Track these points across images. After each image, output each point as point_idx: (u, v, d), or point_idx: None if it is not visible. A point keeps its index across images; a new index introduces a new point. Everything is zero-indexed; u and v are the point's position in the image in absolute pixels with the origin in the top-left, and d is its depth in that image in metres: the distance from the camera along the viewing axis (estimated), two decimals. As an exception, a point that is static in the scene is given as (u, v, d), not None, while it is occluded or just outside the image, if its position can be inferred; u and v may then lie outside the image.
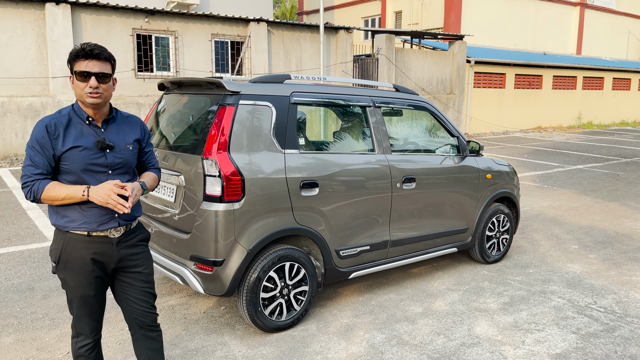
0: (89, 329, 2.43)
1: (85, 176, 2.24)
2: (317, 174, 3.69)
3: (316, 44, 14.80)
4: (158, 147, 3.89)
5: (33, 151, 2.20)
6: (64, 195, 2.18)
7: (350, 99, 4.05)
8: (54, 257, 2.31)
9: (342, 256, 3.90)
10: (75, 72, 2.21)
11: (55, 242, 2.31)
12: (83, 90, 2.21)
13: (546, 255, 5.43)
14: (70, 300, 2.37)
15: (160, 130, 4.03)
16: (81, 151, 2.23)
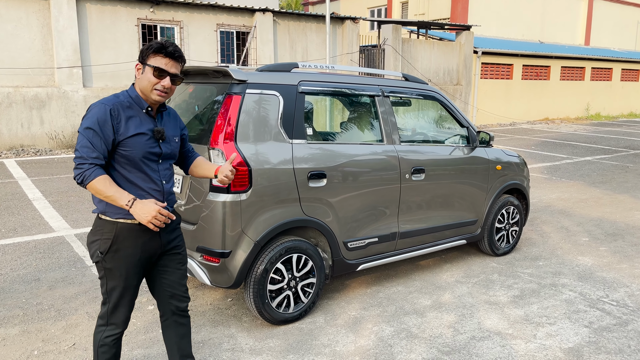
0: (123, 318, 2.41)
1: (141, 163, 2.27)
2: (325, 164, 3.62)
3: (322, 34, 14.67)
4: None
5: (92, 133, 2.16)
6: (111, 194, 2.15)
7: (359, 88, 3.97)
8: (103, 246, 2.27)
9: (350, 248, 3.85)
10: (151, 66, 2.24)
11: (104, 232, 2.27)
12: (153, 85, 2.25)
13: (556, 248, 5.36)
14: (110, 289, 2.34)
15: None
16: (142, 139, 2.26)
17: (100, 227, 2.28)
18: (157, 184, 2.34)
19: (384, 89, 4.12)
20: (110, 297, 2.36)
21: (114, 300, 2.36)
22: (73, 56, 11.24)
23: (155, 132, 2.30)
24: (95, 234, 2.30)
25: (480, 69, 19.04)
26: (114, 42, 11.80)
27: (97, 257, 2.29)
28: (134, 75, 2.25)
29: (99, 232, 2.29)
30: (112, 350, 2.42)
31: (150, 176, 2.31)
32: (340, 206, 3.73)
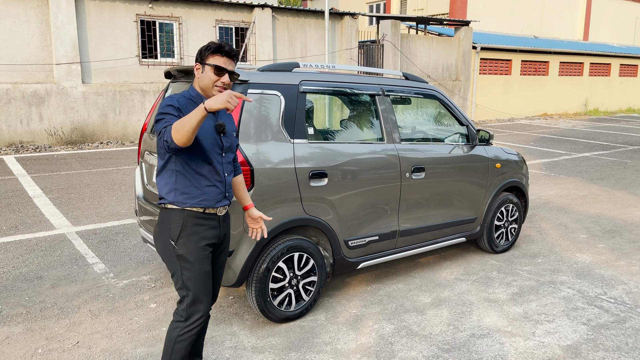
0: (205, 307, 2.49)
1: (207, 156, 2.41)
2: (326, 164, 3.65)
3: (321, 30, 14.66)
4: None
5: (172, 109, 2.28)
6: (188, 119, 2.10)
7: (359, 87, 3.99)
8: (174, 233, 2.39)
9: (351, 246, 3.88)
10: (211, 65, 2.38)
11: (172, 221, 2.40)
12: (214, 82, 2.39)
13: (554, 245, 5.40)
14: (187, 280, 2.41)
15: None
16: (207, 133, 2.39)
17: (168, 216, 2.41)
18: (221, 175, 2.48)
19: (384, 88, 4.14)
20: (189, 289, 2.43)
21: (193, 291, 2.43)
22: (72, 52, 11.22)
23: (217, 126, 2.40)
24: (164, 225, 2.42)
25: (479, 64, 19.05)
26: (112, 38, 11.77)
27: (169, 245, 2.39)
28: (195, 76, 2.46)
29: (167, 222, 2.40)
30: (189, 345, 2.48)
31: (216, 168, 2.44)
32: (341, 205, 3.75)
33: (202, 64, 2.42)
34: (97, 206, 6.54)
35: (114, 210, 6.37)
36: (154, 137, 3.99)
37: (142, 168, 4.17)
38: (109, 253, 4.92)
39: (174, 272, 2.44)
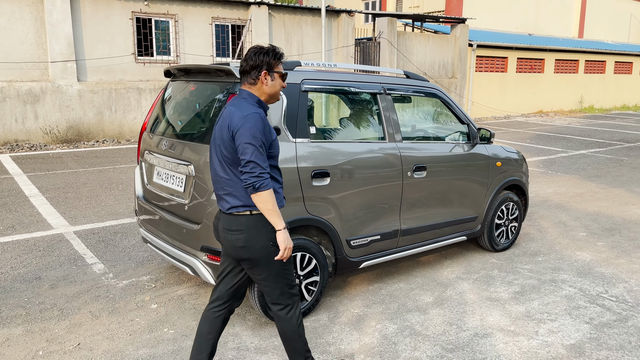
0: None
1: (276, 162, 2.59)
2: (328, 163, 3.63)
3: (317, 27, 14.62)
4: (165, 135, 3.82)
5: (260, 142, 2.39)
6: (274, 208, 2.42)
7: (361, 86, 3.97)
8: (272, 235, 2.48)
9: (353, 246, 3.87)
10: (280, 73, 2.57)
11: (267, 224, 2.48)
12: (279, 88, 2.59)
13: (554, 243, 5.41)
14: (289, 273, 2.62)
15: (167, 119, 3.95)
16: (277, 139, 2.57)
17: (258, 221, 2.47)
18: (281, 180, 2.64)
19: (385, 87, 4.12)
20: (291, 279, 2.63)
21: (293, 280, 2.65)
22: (67, 50, 11.14)
23: (277, 130, 2.62)
24: (257, 231, 2.47)
25: (475, 62, 19.06)
26: (108, 35, 11.69)
27: (270, 247, 2.48)
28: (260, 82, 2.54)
29: (259, 227, 2.47)
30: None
31: (280, 173, 2.62)
32: (343, 204, 3.74)
33: (271, 72, 2.52)
34: (95, 205, 6.50)
35: (112, 210, 6.32)
36: (153, 136, 3.96)
37: (142, 168, 4.14)
38: (107, 253, 4.89)
39: (270, 273, 2.54)
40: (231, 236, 2.50)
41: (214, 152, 2.54)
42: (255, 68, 2.50)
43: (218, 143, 2.50)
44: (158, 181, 3.85)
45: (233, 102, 2.51)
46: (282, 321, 2.65)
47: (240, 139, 2.36)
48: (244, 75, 2.55)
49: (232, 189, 2.47)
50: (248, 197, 2.44)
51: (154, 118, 4.10)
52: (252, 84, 2.53)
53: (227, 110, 2.50)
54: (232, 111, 2.45)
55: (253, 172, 2.35)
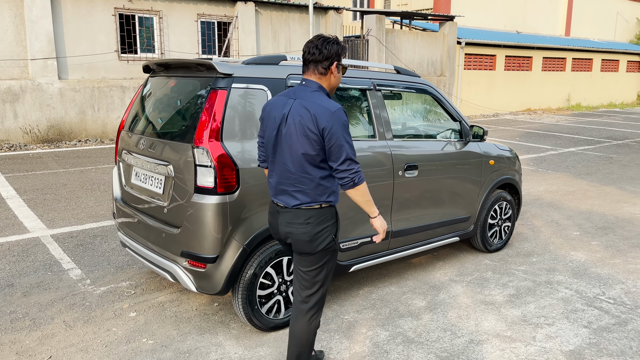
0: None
1: None
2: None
3: (305, 24, 14.42)
4: (143, 134, 3.61)
5: (350, 137, 2.37)
6: (370, 199, 2.48)
7: (349, 81, 3.79)
8: (334, 229, 2.49)
9: (342, 249, 3.69)
10: (345, 66, 2.55)
11: (330, 217, 2.48)
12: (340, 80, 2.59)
13: (548, 243, 5.28)
14: (329, 271, 2.57)
15: (146, 116, 3.74)
16: None
17: (325, 214, 2.45)
18: None
19: (375, 82, 3.95)
20: (328, 280, 2.57)
21: (329, 281, 2.59)
22: (47, 47, 10.82)
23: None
24: (321, 223, 2.44)
25: (464, 59, 19.00)
26: (90, 32, 11.39)
27: (331, 241, 2.47)
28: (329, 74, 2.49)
29: (325, 220, 2.45)
30: None
31: None
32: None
33: (340, 64, 2.48)
34: (74, 207, 6.26)
35: (92, 212, 6.09)
36: (131, 135, 3.76)
37: (119, 168, 3.93)
38: (85, 258, 4.66)
39: (320, 265, 2.50)
40: (297, 230, 2.44)
41: (286, 148, 2.41)
42: (328, 58, 2.42)
43: (295, 139, 2.37)
44: (136, 182, 3.65)
45: (304, 95, 2.40)
46: (302, 322, 2.56)
47: (335, 138, 2.30)
48: (311, 64, 2.45)
49: (305, 186, 2.41)
50: (318, 194, 2.42)
51: (132, 116, 3.89)
52: (322, 75, 2.45)
53: (302, 104, 2.37)
54: (312, 106, 2.34)
55: (351, 169, 2.35)
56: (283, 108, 2.42)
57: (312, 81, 2.44)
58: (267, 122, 2.49)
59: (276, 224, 2.55)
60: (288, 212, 2.47)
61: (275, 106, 2.47)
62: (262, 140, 2.59)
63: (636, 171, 9.23)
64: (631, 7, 30.40)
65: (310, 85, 2.43)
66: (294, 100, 2.41)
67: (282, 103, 2.45)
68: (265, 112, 2.53)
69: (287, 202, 2.46)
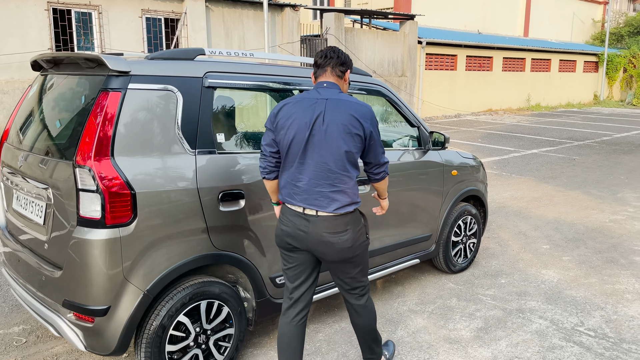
0: None
1: None
2: (243, 181, 2.79)
3: (260, 22, 13.71)
4: (24, 147, 2.87)
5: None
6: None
7: (287, 81, 3.15)
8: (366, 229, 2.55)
9: (279, 284, 3.05)
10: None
11: (361, 218, 2.52)
12: None
13: (517, 260, 4.78)
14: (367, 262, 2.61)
15: (28, 125, 3.00)
16: None
17: (358, 216, 2.49)
18: None
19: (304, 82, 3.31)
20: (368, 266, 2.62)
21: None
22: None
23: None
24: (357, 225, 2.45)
25: (425, 59, 18.67)
26: (20, 28, 10.36)
27: (365, 239, 2.52)
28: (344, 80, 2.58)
29: (359, 220, 2.48)
30: None
31: None
32: (265, 233, 2.91)
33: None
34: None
35: None
36: (13, 148, 3.00)
37: (2, 189, 3.17)
38: (-24, 294, 3.86)
39: (362, 263, 2.54)
40: (337, 238, 2.39)
41: (325, 147, 2.34)
42: (345, 64, 2.52)
43: (337, 137, 2.33)
44: (17, 208, 2.91)
45: (334, 94, 2.41)
46: (365, 311, 2.63)
47: (375, 136, 2.41)
48: (328, 67, 2.49)
49: (346, 185, 2.39)
50: (355, 193, 2.43)
51: (16, 124, 3.13)
52: (339, 78, 2.51)
53: (338, 103, 2.37)
54: (351, 105, 2.38)
55: (386, 163, 2.53)
56: (314, 108, 2.36)
57: (334, 83, 2.47)
58: (292, 126, 2.36)
59: (305, 237, 2.40)
60: (325, 220, 2.37)
61: (300, 108, 2.38)
62: (273, 148, 2.45)
63: (600, 174, 8.95)
64: (587, 8, 30.94)
65: (334, 87, 2.46)
66: (326, 99, 2.38)
67: (309, 104, 2.38)
68: (285, 117, 2.38)
69: (323, 205, 2.36)
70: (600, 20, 31.46)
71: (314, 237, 2.38)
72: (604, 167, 9.61)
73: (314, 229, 2.37)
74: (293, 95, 2.65)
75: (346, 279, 2.55)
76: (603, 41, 28.74)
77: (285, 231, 2.45)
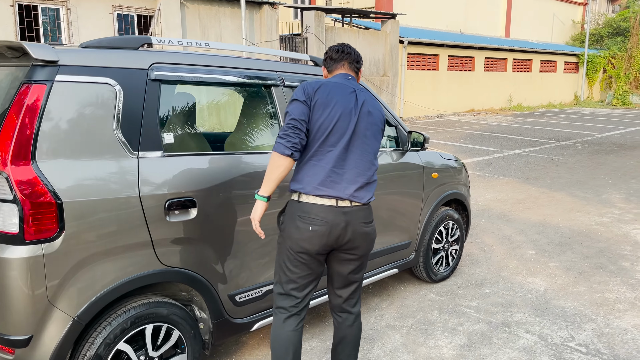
0: None
1: None
2: (195, 187, 2.46)
3: (237, 19, 13.34)
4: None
5: None
6: None
7: (247, 74, 2.82)
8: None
9: (240, 302, 2.72)
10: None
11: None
12: None
13: (501, 266, 4.52)
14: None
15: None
16: None
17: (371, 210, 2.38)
18: None
19: (284, 77, 3.00)
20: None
21: None
22: None
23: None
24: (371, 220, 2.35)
25: (407, 59, 18.47)
26: (-18, 24, 9.87)
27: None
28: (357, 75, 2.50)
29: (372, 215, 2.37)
30: None
31: None
32: (221, 246, 2.58)
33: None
34: None
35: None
36: None
37: None
38: None
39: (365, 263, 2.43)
40: (370, 228, 2.34)
41: (366, 140, 2.30)
42: (359, 62, 2.48)
43: (375, 130, 2.34)
44: None
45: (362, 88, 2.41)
46: (357, 321, 2.48)
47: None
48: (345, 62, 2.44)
49: (376, 177, 2.36)
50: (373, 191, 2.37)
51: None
52: (355, 73, 2.47)
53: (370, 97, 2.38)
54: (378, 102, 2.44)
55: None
56: (355, 96, 2.31)
57: (355, 78, 2.45)
58: (337, 107, 2.24)
59: (343, 229, 2.23)
60: (361, 210, 2.28)
61: (340, 92, 2.28)
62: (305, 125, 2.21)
63: (583, 174, 8.78)
64: (567, 9, 31.12)
65: (353, 79, 2.42)
66: (361, 90, 2.36)
67: (347, 91, 2.30)
68: (325, 96, 2.25)
69: (361, 197, 2.27)
70: (580, 21, 31.66)
71: (354, 230, 2.26)
72: (587, 167, 9.45)
73: (353, 219, 2.25)
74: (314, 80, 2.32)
75: (354, 279, 2.41)
76: (583, 42, 28.91)
77: (317, 232, 2.19)
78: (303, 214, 2.21)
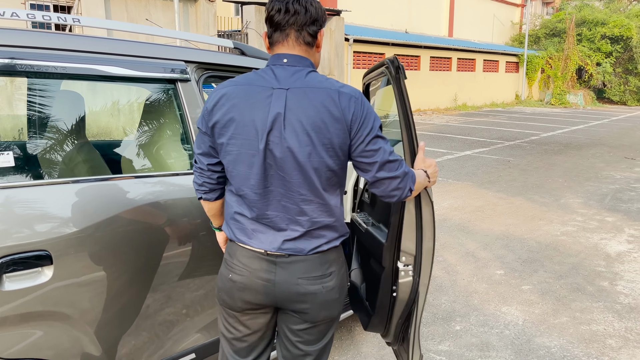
0: None
1: None
2: (50, 234, 1.62)
3: (170, 13, 12.28)
4: None
5: None
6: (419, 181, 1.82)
7: (133, 64, 1.99)
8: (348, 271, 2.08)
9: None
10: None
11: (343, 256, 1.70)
12: None
13: (470, 292, 3.89)
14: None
15: None
16: None
17: (340, 253, 1.67)
18: None
19: (195, 68, 2.19)
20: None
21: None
22: None
23: None
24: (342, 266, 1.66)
25: (353, 58, 17.94)
26: None
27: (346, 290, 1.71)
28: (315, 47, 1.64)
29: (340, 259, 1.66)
30: None
31: None
32: (94, 317, 1.75)
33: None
34: None
35: None
36: None
37: None
38: None
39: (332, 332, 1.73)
40: (322, 287, 1.58)
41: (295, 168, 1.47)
42: (317, 21, 1.56)
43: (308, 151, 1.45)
44: None
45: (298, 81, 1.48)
46: None
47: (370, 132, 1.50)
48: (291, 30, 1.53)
49: (332, 218, 1.56)
50: (343, 224, 1.62)
51: None
52: (308, 46, 1.57)
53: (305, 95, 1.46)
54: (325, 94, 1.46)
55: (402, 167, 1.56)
56: (268, 104, 1.46)
57: (300, 57, 1.54)
58: (238, 127, 1.48)
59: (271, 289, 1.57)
60: (300, 262, 1.56)
61: (245, 102, 1.47)
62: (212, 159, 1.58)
63: (537, 177, 8.44)
64: (506, 10, 31.73)
65: (301, 64, 1.53)
66: (286, 90, 1.47)
67: (260, 96, 1.47)
68: (226, 112, 1.48)
69: (302, 248, 1.55)
70: (518, 22, 32.39)
71: (285, 288, 1.58)
72: (539, 169, 9.15)
73: (285, 276, 1.57)
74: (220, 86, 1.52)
75: (306, 351, 1.68)
76: (522, 42, 29.55)
77: (237, 283, 1.59)
78: (227, 257, 1.61)
